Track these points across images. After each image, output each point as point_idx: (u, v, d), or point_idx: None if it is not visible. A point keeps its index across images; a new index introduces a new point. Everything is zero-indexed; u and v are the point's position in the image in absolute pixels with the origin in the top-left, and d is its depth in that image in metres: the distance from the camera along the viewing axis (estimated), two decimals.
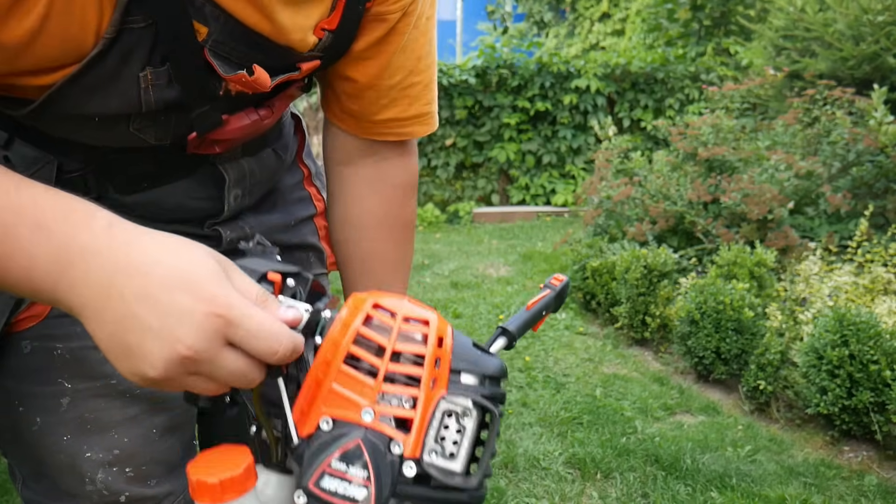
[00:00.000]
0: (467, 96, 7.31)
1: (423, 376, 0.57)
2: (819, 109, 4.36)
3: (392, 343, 0.58)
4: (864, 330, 2.28)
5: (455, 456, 0.58)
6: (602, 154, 4.94)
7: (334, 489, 0.55)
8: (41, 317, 0.76)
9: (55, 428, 0.78)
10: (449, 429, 0.58)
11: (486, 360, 0.60)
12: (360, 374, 0.58)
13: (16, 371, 0.77)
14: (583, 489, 2.13)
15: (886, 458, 2.28)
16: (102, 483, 0.79)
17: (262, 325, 0.54)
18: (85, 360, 0.77)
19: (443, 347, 0.59)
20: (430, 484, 0.57)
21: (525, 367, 3.13)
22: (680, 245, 3.92)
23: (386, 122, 0.87)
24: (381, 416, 0.57)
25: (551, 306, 1.23)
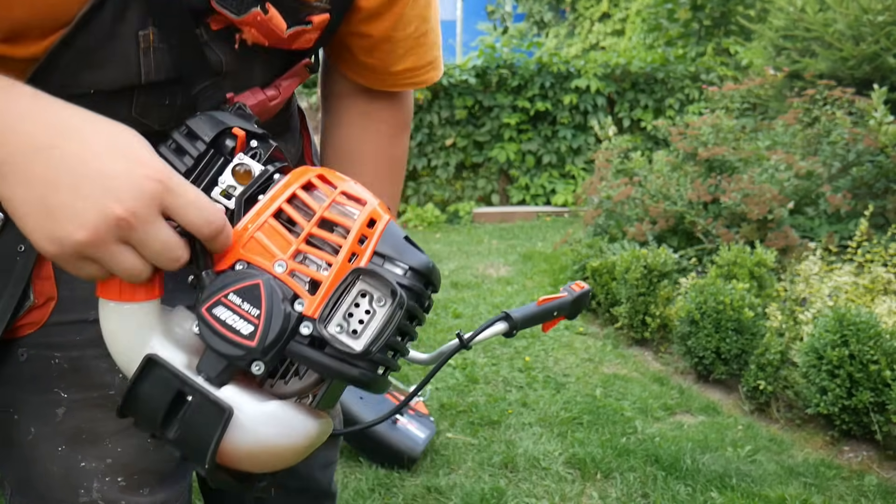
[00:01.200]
0: (467, 96, 7.31)
1: (343, 246, 0.60)
2: (819, 109, 4.36)
3: (322, 209, 0.61)
4: (864, 330, 2.28)
5: (357, 335, 0.59)
6: (602, 154, 4.94)
7: (224, 318, 0.57)
8: (39, 324, 0.74)
9: (50, 438, 0.76)
10: (359, 307, 0.60)
11: (415, 253, 0.62)
12: (285, 231, 0.60)
13: (11, 379, 0.75)
14: (583, 489, 2.13)
15: (886, 458, 2.28)
16: (98, 493, 0.77)
17: (200, 197, 0.55)
18: (83, 370, 0.75)
19: (372, 229, 0.61)
20: (325, 350, 0.58)
21: (525, 367, 3.13)
22: (680, 245, 3.92)
23: (403, 72, 0.86)
24: (294, 273, 0.59)
25: (566, 310, 1.23)
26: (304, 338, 0.58)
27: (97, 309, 0.72)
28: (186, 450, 0.58)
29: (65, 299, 0.73)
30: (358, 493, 2.07)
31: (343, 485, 2.12)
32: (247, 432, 0.58)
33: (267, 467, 0.63)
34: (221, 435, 0.57)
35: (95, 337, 0.73)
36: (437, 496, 2.07)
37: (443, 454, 2.32)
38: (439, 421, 2.56)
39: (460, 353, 3.27)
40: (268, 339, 0.57)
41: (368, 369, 0.60)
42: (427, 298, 0.64)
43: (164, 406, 0.57)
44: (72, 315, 0.74)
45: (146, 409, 0.58)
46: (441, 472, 2.21)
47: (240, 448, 0.59)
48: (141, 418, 0.59)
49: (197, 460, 0.58)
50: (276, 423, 0.60)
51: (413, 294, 0.61)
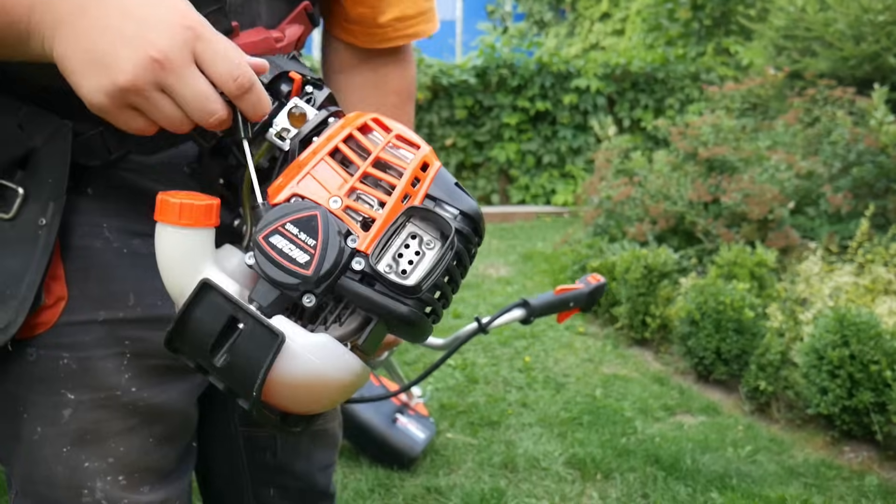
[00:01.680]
0: (467, 96, 7.31)
1: (397, 186, 0.61)
2: (819, 109, 4.36)
3: (378, 150, 0.62)
4: (864, 330, 2.28)
5: (406, 274, 0.60)
6: (602, 154, 4.94)
7: (280, 246, 0.58)
8: (49, 324, 0.74)
9: (55, 439, 0.76)
10: (409, 248, 0.61)
11: (465, 198, 0.63)
12: (341, 169, 0.61)
13: (21, 378, 0.75)
14: (583, 489, 2.12)
15: (887, 459, 2.28)
16: (102, 493, 0.77)
17: (229, 48, 0.56)
18: (91, 371, 0.75)
19: (425, 172, 0.62)
20: (375, 287, 0.59)
21: (525, 368, 3.13)
22: (680, 245, 3.92)
23: (392, 22, 0.86)
24: (348, 210, 0.60)
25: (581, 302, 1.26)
26: (356, 273, 0.59)
27: (107, 309, 0.74)
28: (232, 380, 0.59)
29: (75, 299, 0.74)
30: (358, 493, 2.07)
31: (343, 485, 2.12)
32: (297, 361, 0.58)
33: (307, 403, 0.63)
34: (272, 361, 0.56)
35: (103, 336, 0.75)
36: (437, 496, 2.07)
37: (443, 454, 2.31)
38: (439, 421, 2.55)
39: (460, 354, 3.27)
40: (322, 269, 0.57)
41: (416, 307, 0.60)
42: (474, 245, 0.64)
43: (215, 332, 0.58)
44: (82, 315, 0.74)
45: (196, 336, 0.58)
46: (441, 472, 2.20)
47: (287, 377, 0.59)
48: (189, 346, 0.59)
49: (243, 390, 0.58)
50: (326, 353, 0.60)
51: (462, 237, 0.62)
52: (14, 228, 0.69)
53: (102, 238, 0.74)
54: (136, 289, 0.76)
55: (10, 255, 0.69)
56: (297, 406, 0.63)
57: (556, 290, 1.30)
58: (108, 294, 0.75)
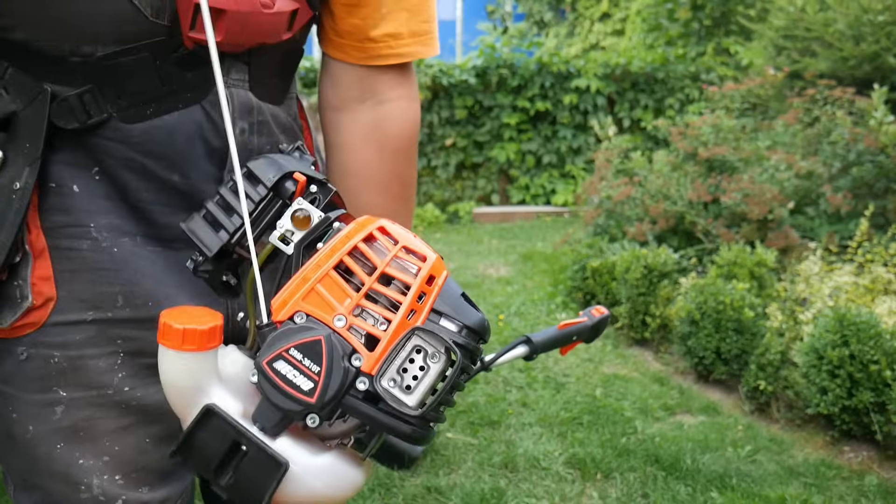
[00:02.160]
0: (467, 96, 7.31)
1: (403, 303, 0.60)
2: (819, 109, 4.36)
3: (384, 265, 0.61)
4: (864, 330, 2.28)
5: (411, 390, 0.60)
6: (602, 154, 4.94)
7: (284, 373, 0.58)
8: (39, 324, 0.74)
9: (48, 437, 0.76)
10: (414, 363, 0.60)
11: (470, 311, 0.63)
12: (346, 284, 0.61)
13: (11, 377, 0.75)
14: (583, 489, 2.13)
15: (887, 459, 2.28)
16: (99, 489, 0.78)
17: None
18: (82, 369, 0.75)
19: (431, 286, 0.61)
20: (378, 406, 0.59)
21: (525, 368, 3.13)
22: (680, 245, 3.92)
23: (384, 38, 0.82)
24: (352, 328, 0.60)
25: (584, 335, 1.25)
26: (360, 392, 0.59)
27: (95, 309, 0.74)
28: (237, 497, 0.60)
29: (63, 300, 0.73)
30: (358, 492, 2.07)
31: None
32: (300, 485, 0.59)
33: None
34: (276, 488, 0.58)
35: (94, 336, 0.75)
36: (437, 496, 2.07)
37: (443, 454, 2.31)
38: None
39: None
40: (327, 395, 0.58)
41: (420, 426, 0.60)
42: (479, 355, 0.64)
43: (219, 454, 0.59)
44: (71, 315, 0.74)
45: (201, 456, 0.60)
46: (441, 472, 2.21)
47: (291, 498, 0.60)
48: (195, 463, 0.61)
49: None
50: (329, 475, 0.61)
51: (467, 352, 0.62)
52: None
53: (90, 238, 0.74)
54: (125, 291, 0.75)
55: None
56: None
57: (559, 326, 1.28)
58: (97, 295, 0.74)
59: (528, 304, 4.11)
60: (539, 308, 4.03)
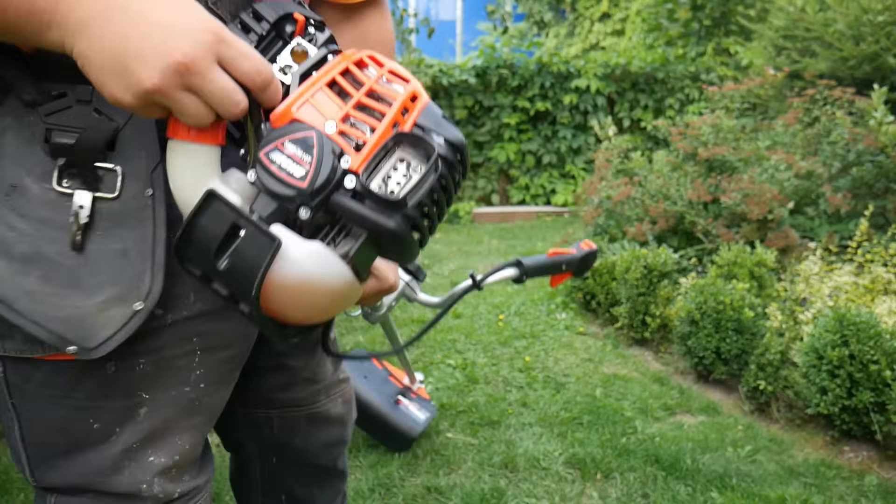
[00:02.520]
0: (467, 96, 7.31)
1: (388, 113, 0.66)
2: (819, 109, 4.36)
3: (371, 82, 0.68)
4: (864, 330, 2.28)
5: (394, 195, 0.64)
6: (602, 154, 4.94)
7: (279, 162, 0.63)
8: None
9: (128, 437, 0.79)
10: (397, 171, 0.66)
11: (450, 127, 0.69)
12: (338, 98, 0.67)
13: (97, 394, 0.77)
14: (583, 489, 2.13)
15: (887, 459, 2.28)
16: (159, 486, 0.82)
17: (250, 49, 0.62)
18: (164, 371, 0.79)
19: (414, 103, 0.68)
20: (365, 203, 0.64)
21: (525, 367, 3.13)
22: (680, 245, 3.92)
23: None
24: (342, 134, 0.65)
25: (574, 266, 1.32)
26: (348, 191, 0.64)
27: (173, 311, 0.78)
28: (233, 283, 0.64)
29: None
30: (358, 493, 2.07)
31: None
32: (292, 265, 0.64)
33: (303, 309, 0.68)
34: (269, 263, 0.62)
35: (173, 337, 0.79)
36: (437, 496, 2.07)
37: (443, 454, 2.32)
38: (439, 421, 2.56)
39: (460, 353, 3.28)
40: (317, 182, 0.63)
41: (403, 222, 0.64)
42: (458, 174, 0.69)
43: (219, 237, 0.63)
44: (153, 323, 0.76)
45: (202, 241, 0.64)
46: (441, 472, 2.21)
47: (283, 280, 0.64)
48: (195, 252, 0.65)
49: (243, 292, 0.64)
50: (318, 259, 0.65)
51: (447, 163, 0.67)
52: (122, 204, 0.71)
53: None
54: (195, 287, 0.79)
55: (130, 226, 0.72)
56: (294, 312, 0.68)
57: (549, 253, 1.35)
58: (172, 297, 0.77)
59: (528, 304, 4.11)
60: (539, 308, 4.03)
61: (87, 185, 0.71)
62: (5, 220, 0.69)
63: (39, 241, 0.70)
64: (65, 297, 0.70)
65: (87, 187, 0.71)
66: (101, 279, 0.71)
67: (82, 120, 0.70)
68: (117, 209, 0.72)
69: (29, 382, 0.77)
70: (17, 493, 2.07)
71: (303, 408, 1.10)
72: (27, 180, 0.70)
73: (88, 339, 0.70)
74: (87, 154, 0.70)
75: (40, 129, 0.70)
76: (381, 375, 2.40)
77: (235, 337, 0.86)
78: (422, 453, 2.31)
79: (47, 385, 0.77)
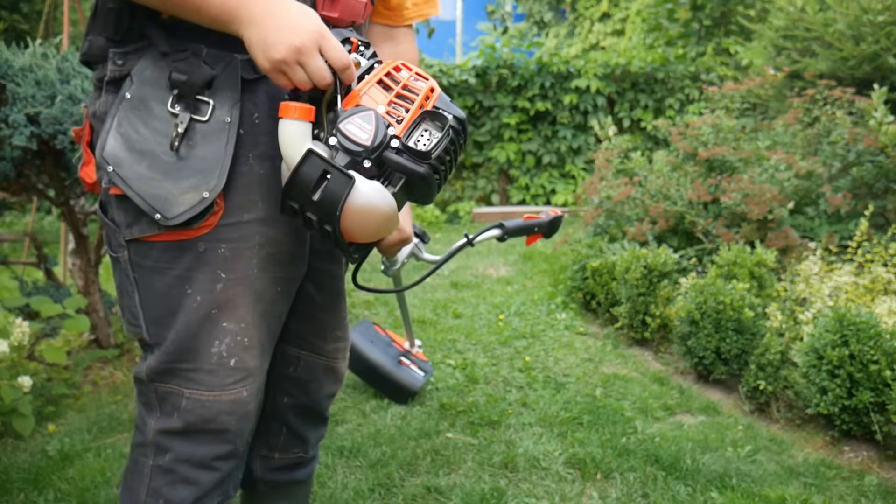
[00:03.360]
0: (467, 96, 7.31)
1: (416, 99, 1.06)
2: (819, 109, 4.36)
3: (405, 80, 1.08)
4: (864, 330, 2.28)
5: (423, 150, 1.02)
6: (602, 154, 4.94)
7: (352, 130, 0.99)
8: (212, 226, 1.09)
9: (208, 304, 1.11)
10: (424, 136, 1.04)
11: (457, 109, 1.08)
12: (384, 91, 1.06)
13: (191, 265, 1.10)
14: (583, 489, 2.13)
15: (887, 459, 2.28)
16: (226, 347, 1.12)
17: (339, 45, 1.01)
18: (236, 257, 1.11)
19: (433, 92, 1.09)
20: (404, 156, 1.01)
21: (525, 367, 3.13)
22: (680, 245, 3.92)
23: (411, 6, 1.37)
24: (389, 114, 1.03)
25: (544, 228, 1.72)
26: (393, 149, 1.01)
27: (248, 212, 1.11)
28: (323, 209, 0.97)
29: (228, 208, 1.09)
30: (358, 493, 2.07)
31: (343, 485, 2.12)
32: (362, 195, 0.97)
33: (366, 228, 1.01)
34: (349, 193, 0.96)
35: (245, 233, 1.11)
36: (437, 496, 2.07)
37: (443, 454, 2.32)
38: (439, 421, 2.56)
39: (460, 353, 3.28)
40: (375, 142, 0.99)
41: (429, 169, 1.02)
42: (462, 138, 1.08)
43: (314, 179, 0.96)
44: (232, 218, 1.10)
45: (303, 183, 0.96)
46: (441, 472, 2.21)
47: (356, 205, 0.97)
48: (297, 191, 0.97)
49: (329, 216, 0.97)
50: (377, 191, 0.99)
51: (454, 131, 1.06)
52: (210, 126, 1.07)
53: (248, 164, 1.11)
54: (263, 198, 1.12)
55: (211, 142, 1.06)
56: (360, 230, 1.01)
57: (524, 217, 1.72)
58: (248, 202, 1.11)
59: (528, 303, 4.11)
60: (539, 308, 4.03)
61: (188, 109, 1.06)
62: (134, 125, 1.06)
63: (152, 143, 1.05)
64: (161, 182, 1.05)
65: (188, 111, 1.06)
66: (185, 173, 1.05)
67: (194, 67, 1.06)
68: (206, 129, 1.06)
69: (146, 259, 1.11)
70: (17, 493, 2.07)
71: (325, 358, 1.39)
72: (152, 102, 1.06)
73: (169, 212, 1.04)
74: (192, 88, 1.05)
75: (167, 70, 1.06)
76: (385, 340, 2.78)
77: (288, 247, 1.17)
78: (422, 453, 2.31)
79: (158, 259, 1.10)
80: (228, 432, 1.15)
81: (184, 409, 1.13)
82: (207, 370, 1.12)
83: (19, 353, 2.52)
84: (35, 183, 2.79)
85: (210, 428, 1.14)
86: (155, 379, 1.14)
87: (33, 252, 3.85)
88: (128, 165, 1.05)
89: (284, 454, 1.45)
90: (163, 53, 1.07)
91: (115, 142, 1.06)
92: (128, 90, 1.07)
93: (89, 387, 2.87)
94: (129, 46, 1.09)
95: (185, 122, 1.04)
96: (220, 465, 1.16)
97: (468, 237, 1.60)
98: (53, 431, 2.49)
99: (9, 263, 3.53)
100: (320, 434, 1.50)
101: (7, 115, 2.40)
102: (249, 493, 1.52)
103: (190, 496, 1.14)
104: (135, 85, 1.07)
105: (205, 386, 1.12)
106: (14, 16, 7.07)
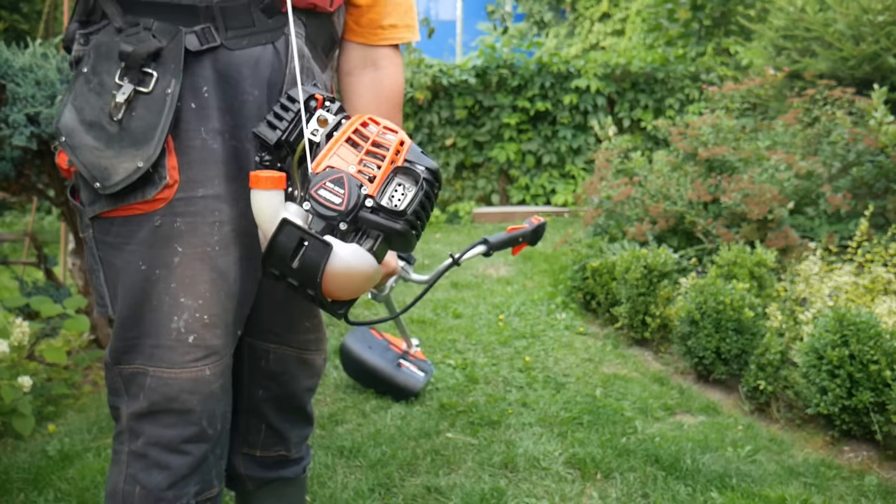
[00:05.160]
0: (467, 96, 7.30)
1: (386, 155, 1.04)
2: (819, 109, 4.35)
3: (374, 136, 1.06)
4: (864, 330, 2.28)
5: (398, 207, 1.02)
6: (602, 154, 4.94)
7: (324, 195, 0.99)
8: (168, 200, 1.10)
9: (166, 279, 1.12)
10: (398, 192, 1.03)
11: (428, 160, 1.07)
12: (353, 149, 1.05)
13: (147, 239, 1.11)
14: (583, 489, 2.13)
15: (886, 459, 2.28)
16: (184, 323, 1.13)
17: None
18: (194, 231, 1.12)
19: (403, 146, 1.07)
20: (379, 215, 1.01)
21: (525, 367, 3.13)
22: (680, 245, 3.92)
23: (389, 27, 1.30)
24: (360, 173, 1.03)
25: (528, 237, 1.72)
26: (367, 208, 1.01)
27: (203, 188, 1.11)
28: (303, 276, 0.98)
29: (184, 182, 1.11)
30: (358, 493, 2.07)
31: (343, 485, 2.12)
32: (340, 259, 0.98)
33: (346, 288, 1.03)
34: (327, 260, 0.97)
35: (202, 208, 1.12)
36: (437, 496, 2.07)
37: (443, 454, 2.32)
38: (439, 421, 2.56)
39: (460, 353, 3.28)
40: (349, 206, 0.99)
41: (406, 225, 1.02)
42: (436, 189, 1.07)
43: (291, 248, 0.97)
44: (188, 193, 1.11)
45: (280, 251, 0.98)
46: (441, 472, 2.21)
47: (335, 269, 0.98)
48: (275, 259, 0.98)
49: (310, 282, 0.99)
50: (356, 253, 1.00)
51: (428, 183, 1.05)
52: (152, 97, 1.08)
53: (200, 139, 1.11)
54: (221, 175, 1.13)
55: (151, 113, 1.07)
56: (341, 291, 1.03)
57: (508, 230, 1.70)
58: (205, 178, 1.12)
59: (528, 304, 4.11)
60: (539, 308, 4.03)
61: (132, 81, 1.07)
62: (87, 97, 1.10)
63: (99, 113, 1.09)
64: (103, 151, 1.08)
65: (132, 83, 1.07)
66: (126, 143, 1.07)
67: (142, 40, 1.08)
68: (148, 100, 1.08)
69: (107, 235, 1.14)
70: (17, 493, 2.07)
71: (296, 349, 1.38)
72: (105, 75, 1.09)
73: (107, 181, 1.07)
74: (137, 60, 1.07)
75: (118, 45, 1.08)
76: (382, 344, 2.79)
77: (251, 228, 1.13)
78: (422, 453, 2.31)
79: (117, 235, 1.12)
80: (192, 412, 1.15)
81: (148, 388, 1.14)
82: (167, 346, 1.13)
83: (19, 353, 2.52)
84: (35, 183, 2.79)
85: (174, 407, 1.14)
86: (120, 360, 1.16)
87: (33, 252, 3.85)
88: (77, 136, 1.09)
89: (266, 452, 1.44)
90: (118, 29, 1.10)
91: (70, 114, 1.10)
92: (85, 65, 1.11)
93: (89, 387, 2.87)
94: (92, 27, 1.14)
95: (128, 92, 1.07)
96: (189, 448, 1.16)
97: (453, 257, 1.61)
98: (53, 431, 2.49)
99: (9, 263, 3.53)
100: (304, 434, 1.49)
101: (7, 115, 2.40)
102: (239, 491, 1.52)
103: (164, 481, 1.15)
104: (91, 60, 1.11)
105: (165, 363, 1.13)
106: (14, 16, 7.07)
